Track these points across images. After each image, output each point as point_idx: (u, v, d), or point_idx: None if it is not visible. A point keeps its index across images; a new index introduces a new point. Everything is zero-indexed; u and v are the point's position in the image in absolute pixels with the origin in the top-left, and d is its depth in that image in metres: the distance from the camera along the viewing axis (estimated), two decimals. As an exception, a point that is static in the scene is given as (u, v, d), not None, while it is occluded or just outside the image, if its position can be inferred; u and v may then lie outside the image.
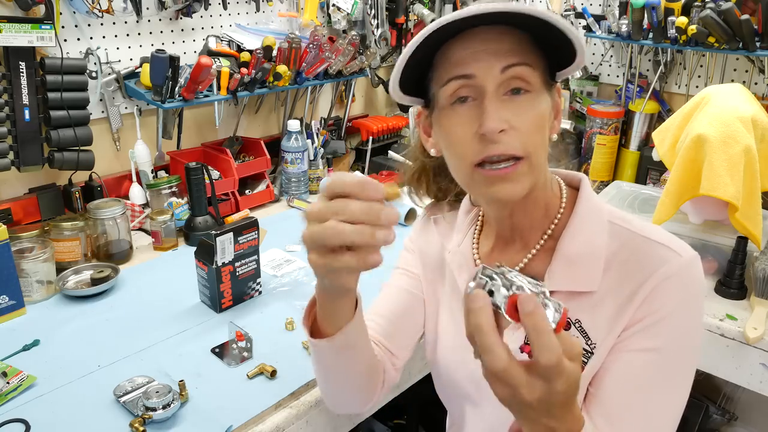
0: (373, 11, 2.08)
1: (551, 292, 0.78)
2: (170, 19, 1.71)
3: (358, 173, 2.12)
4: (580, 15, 2.06)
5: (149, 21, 1.67)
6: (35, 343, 1.16)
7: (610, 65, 2.19)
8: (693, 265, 0.74)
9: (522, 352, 0.57)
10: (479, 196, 0.83)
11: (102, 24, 1.58)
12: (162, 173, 1.72)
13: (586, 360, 0.76)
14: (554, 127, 0.78)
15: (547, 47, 0.72)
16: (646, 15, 1.79)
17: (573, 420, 0.59)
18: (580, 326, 0.77)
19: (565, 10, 2.08)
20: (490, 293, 0.56)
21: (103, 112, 1.63)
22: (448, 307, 0.93)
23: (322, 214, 0.60)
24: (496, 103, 0.70)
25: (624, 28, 1.88)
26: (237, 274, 1.27)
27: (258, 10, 1.88)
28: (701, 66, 1.95)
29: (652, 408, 0.73)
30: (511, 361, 0.54)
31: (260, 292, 1.34)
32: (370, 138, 2.15)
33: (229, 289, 1.27)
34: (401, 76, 0.72)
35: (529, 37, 0.71)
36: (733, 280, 1.37)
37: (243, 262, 1.27)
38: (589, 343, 0.76)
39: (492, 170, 0.71)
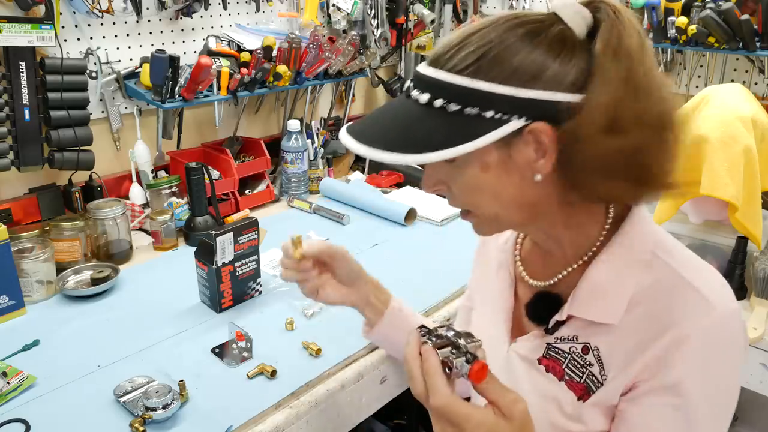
0: (373, 11, 2.08)
1: (571, 317, 0.76)
2: (170, 19, 1.71)
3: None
4: (580, 15, 2.06)
5: (149, 21, 1.67)
6: (35, 343, 1.16)
7: (610, 65, 2.19)
8: (726, 321, 0.68)
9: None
10: None
11: (102, 24, 1.58)
12: (162, 173, 1.72)
13: (594, 388, 0.73)
14: (534, 168, 0.67)
15: None
16: (646, 15, 1.79)
17: None
18: (598, 354, 0.74)
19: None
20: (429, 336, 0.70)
21: (103, 112, 1.63)
22: (481, 301, 0.94)
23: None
24: (432, 166, 0.72)
25: (624, 28, 1.88)
26: (237, 274, 1.27)
27: (258, 10, 1.88)
28: (701, 66, 1.95)
29: None
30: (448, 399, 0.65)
31: (260, 292, 1.34)
32: (370, 138, 2.14)
33: (229, 289, 1.27)
34: None
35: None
36: (733, 280, 1.37)
37: (243, 262, 1.27)
38: (602, 372, 0.73)
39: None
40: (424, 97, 0.67)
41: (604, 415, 0.74)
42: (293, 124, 1.86)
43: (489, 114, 0.64)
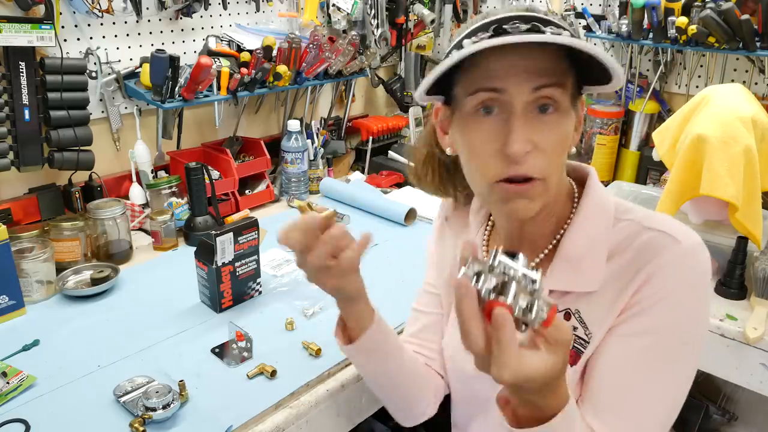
0: (373, 11, 2.08)
1: (551, 292, 0.78)
2: (170, 19, 1.71)
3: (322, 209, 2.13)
4: (580, 15, 2.06)
5: (149, 21, 1.67)
6: (35, 343, 1.16)
7: (610, 65, 2.19)
8: (693, 252, 0.74)
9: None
10: (495, 210, 0.85)
11: (102, 24, 1.58)
12: (162, 173, 1.72)
13: (583, 349, 0.76)
14: (574, 139, 0.76)
15: (580, 61, 0.69)
16: (646, 15, 1.79)
17: (555, 398, 0.61)
18: (580, 317, 0.77)
19: (565, 10, 2.08)
20: (478, 278, 0.56)
21: (103, 112, 1.63)
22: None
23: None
24: (522, 123, 0.68)
25: (624, 28, 1.88)
26: (237, 274, 1.27)
27: (258, 10, 1.88)
28: (701, 66, 1.95)
29: (647, 392, 0.72)
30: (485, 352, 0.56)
31: (260, 292, 1.34)
32: (370, 138, 2.15)
33: (229, 289, 1.27)
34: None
35: (565, 52, 0.69)
36: (733, 280, 1.37)
37: (243, 262, 1.27)
38: (587, 332, 0.76)
39: (511, 185, 0.71)
40: (566, 36, 0.67)
41: None
42: (293, 124, 1.86)
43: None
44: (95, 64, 1.57)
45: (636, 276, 0.73)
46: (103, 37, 1.59)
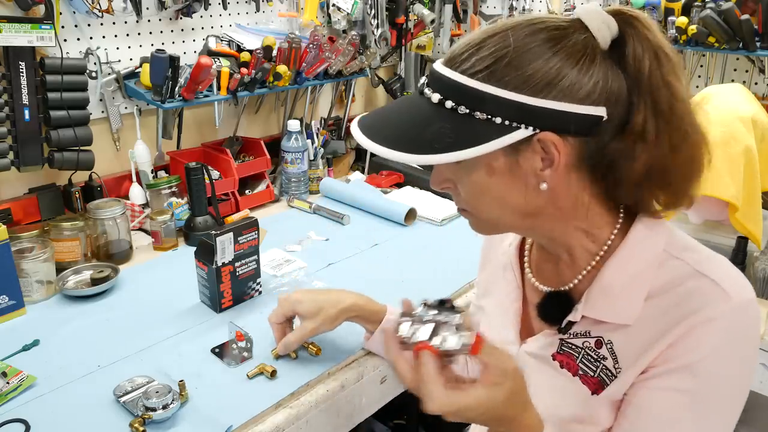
0: (373, 11, 2.08)
1: (584, 317, 0.75)
2: (170, 19, 1.71)
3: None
4: (580, 15, 2.06)
5: (149, 21, 1.67)
6: (35, 343, 1.16)
7: (610, 65, 2.19)
8: (743, 310, 0.68)
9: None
10: None
11: (102, 24, 1.58)
12: (162, 173, 1.72)
13: (609, 381, 0.73)
14: (540, 176, 0.68)
15: None
16: (646, 15, 1.79)
17: (521, 428, 0.68)
18: (611, 348, 0.73)
19: (566, 10, 2.08)
20: (408, 328, 0.69)
21: (103, 112, 1.63)
22: (490, 303, 0.93)
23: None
24: (441, 165, 0.72)
25: (624, 28, 1.88)
26: (237, 274, 1.27)
27: (258, 10, 1.88)
28: (701, 66, 1.95)
29: None
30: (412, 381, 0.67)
31: (260, 292, 1.34)
32: (370, 138, 2.14)
33: (229, 289, 1.27)
34: None
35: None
36: (733, 280, 1.37)
37: (243, 262, 1.27)
38: (615, 366, 0.73)
39: None
40: (436, 97, 0.67)
41: (613, 411, 0.74)
42: (293, 124, 1.86)
43: (498, 120, 0.64)
44: (95, 64, 1.57)
45: (677, 325, 0.68)
46: (103, 37, 1.59)
